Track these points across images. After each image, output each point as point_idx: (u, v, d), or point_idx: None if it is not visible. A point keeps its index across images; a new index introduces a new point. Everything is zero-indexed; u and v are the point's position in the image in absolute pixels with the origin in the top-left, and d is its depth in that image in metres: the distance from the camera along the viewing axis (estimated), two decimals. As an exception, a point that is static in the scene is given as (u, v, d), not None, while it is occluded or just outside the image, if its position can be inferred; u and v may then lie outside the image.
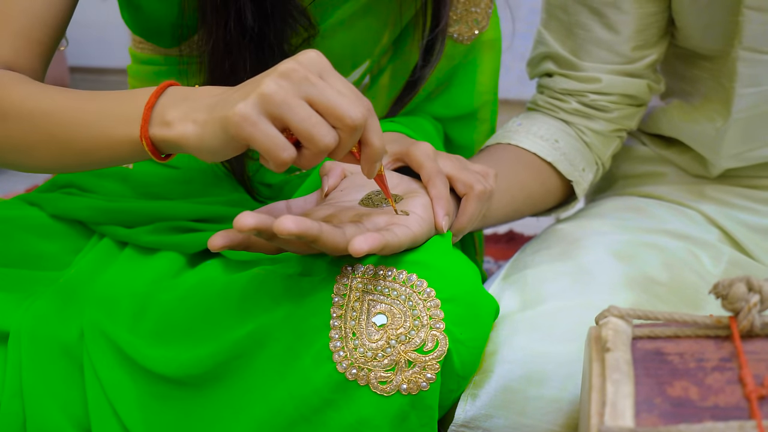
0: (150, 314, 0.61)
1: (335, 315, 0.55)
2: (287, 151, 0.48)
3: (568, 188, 0.82)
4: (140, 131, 0.53)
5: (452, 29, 0.77)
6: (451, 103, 0.78)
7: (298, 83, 0.48)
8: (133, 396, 0.59)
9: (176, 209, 0.72)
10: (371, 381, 0.53)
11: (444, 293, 0.55)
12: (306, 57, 0.50)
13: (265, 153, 0.48)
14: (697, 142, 0.84)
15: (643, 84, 0.81)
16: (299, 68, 0.49)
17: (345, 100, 0.49)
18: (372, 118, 0.51)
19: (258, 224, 0.49)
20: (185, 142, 0.51)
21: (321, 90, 0.49)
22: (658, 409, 0.41)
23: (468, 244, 0.81)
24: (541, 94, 0.85)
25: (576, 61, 0.80)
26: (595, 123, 0.82)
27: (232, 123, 0.48)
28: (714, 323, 0.45)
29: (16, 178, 2.11)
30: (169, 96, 0.54)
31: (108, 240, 0.72)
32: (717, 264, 0.76)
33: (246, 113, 0.48)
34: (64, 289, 0.66)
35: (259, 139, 0.48)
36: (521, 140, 0.80)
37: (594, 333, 0.47)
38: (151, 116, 0.53)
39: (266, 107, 0.48)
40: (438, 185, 0.60)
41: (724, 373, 0.43)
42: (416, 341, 0.53)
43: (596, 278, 0.68)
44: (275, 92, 0.48)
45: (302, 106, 0.48)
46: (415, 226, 0.56)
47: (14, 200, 0.76)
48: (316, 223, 0.50)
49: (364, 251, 0.49)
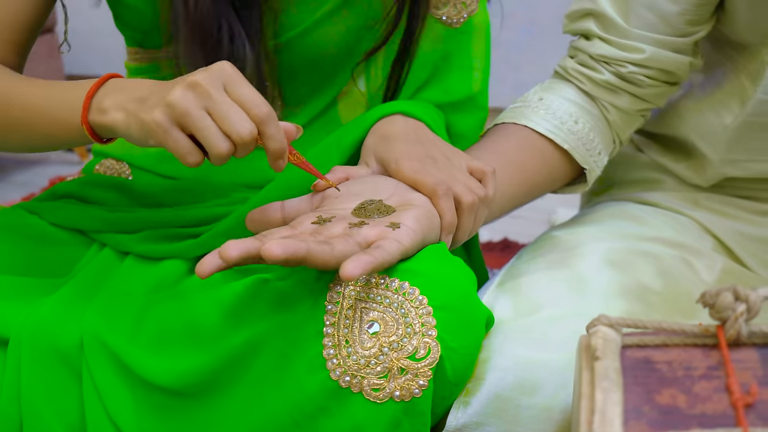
0: (148, 323, 0.62)
1: (328, 323, 0.55)
2: (194, 156, 0.56)
3: (576, 173, 0.80)
4: (81, 117, 0.60)
5: (440, 11, 0.76)
6: (448, 89, 0.77)
7: (200, 96, 0.55)
8: (130, 406, 0.60)
9: (175, 216, 0.73)
10: (364, 388, 0.54)
11: (436, 301, 0.55)
12: (216, 67, 0.56)
13: (176, 156, 0.56)
14: (701, 139, 0.81)
15: (685, 61, 0.76)
16: (204, 80, 0.55)
17: (237, 116, 0.55)
18: (269, 126, 0.56)
19: (242, 253, 0.51)
20: (116, 127, 0.58)
21: (218, 104, 0.55)
22: (647, 417, 0.42)
23: (474, 248, 0.81)
24: (572, 58, 0.80)
25: (622, 24, 0.75)
26: (622, 99, 0.78)
27: (148, 128, 0.56)
28: (702, 332, 0.46)
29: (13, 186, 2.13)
30: (107, 86, 0.61)
31: (109, 249, 0.72)
32: (711, 273, 0.76)
33: (159, 121, 0.55)
34: (64, 297, 0.66)
35: (170, 144, 0.55)
36: (538, 122, 0.76)
37: (584, 341, 0.48)
38: (90, 104, 0.60)
39: (174, 116, 0.55)
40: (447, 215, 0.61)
41: (711, 381, 0.43)
42: (408, 348, 0.54)
43: (590, 287, 0.68)
44: (179, 102, 0.54)
45: (202, 116, 0.55)
46: (405, 240, 0.56)
47: (14, 208, 0.77)
48: (303, 244, 0.51)
49: (356, 276, 0.50)
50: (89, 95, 0.60)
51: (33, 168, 2.25)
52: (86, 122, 0.60)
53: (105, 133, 0.61)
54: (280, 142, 0.57)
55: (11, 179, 2.20)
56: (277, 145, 0.57)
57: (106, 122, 0.59)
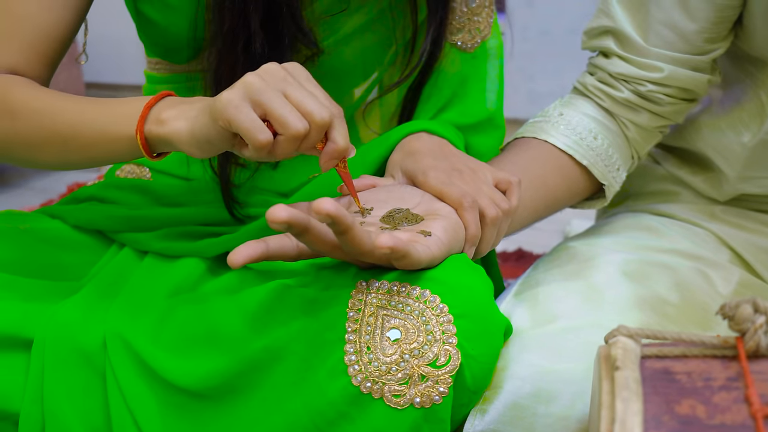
0: (171, 325, 0.63)
1: (350, 329, 0.56)
2: (264, 134, 0.54)
3: (595, 188, 0.80)
4: (136, 126, 0.60)
5: (456, 37, 0.78)
6: (466, 111, 0.79)
7: (277, 79, 0.55)
8: (153, 407, 0.60)
9: (195, 214, 0.74)
10: (385, 394, 0.54)
11: (456, 309, 0.56)
12: (289, 64, 0.57)
13: (245, 134, 0.54)
14: (719, 155, 0.82)
15: (704, 79, 0.77)
16: (280, 69, 0.56)
17: (314, 101, 0.55)
18: (339, 122, 0.57)
19: (291, 218, 0.50)
20: (177, 137, 0.58)
21: (295, 88, 0.55)
22: (666, 426, 0.42)
23: (490, 258, 0.82)
24: (591, 75, 0.81)
25: (641, 43, 0.75)
26: (641, 117, 0.78)
27: (217, 108, 0.55)
28: (721, 343, 0.46)
29: (32, 192, 2.15)
30: (166, 101, 0.61)
31: (128, 249, 0.74)
32: (727, 285, 0.76)
33: (230, 98, 0.54)
34: (86, 298, 0.67)
35: (241, 120, 0.54)
36: (558, 137, 0.77)
37: (603, 352, 0.48)
38: (147, 115, 0.60)
39: (248, 94, 0.54)
40: (471, 227, 0.62)
41: (730, 392, 0.43)
42: (429, 356, 0.55)
43: (607, 298, 0.68)
44: (256, 82, 0.55)
45: (279, 96, 0.55)
46: (434, 248, 0.57)
47: (36, 213, 0.78)
48: (350, 215, 0.52)
49: (388, 246, 0.51)
50: (148, 106, 0.60)
51: (52, 174, 2.27)
52: (141, 131, 0.60)
53: (160, 146, 0.61)
54: (345, 140, 0.58)
55: (30, 185, 2.22)
56: (343, 143, 0.57)
57: (164, 133, 0.59)
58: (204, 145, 0.58)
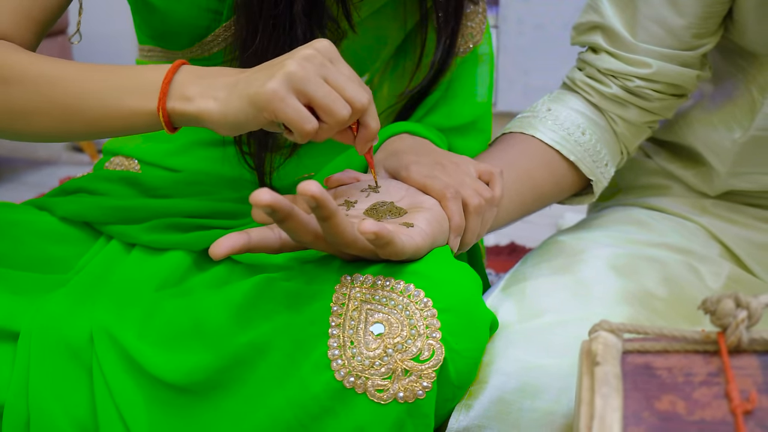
0: (157, 320, 0.62)
1: (334, 324, 0.56)
2: (311, 123, 0.55)
3: (583, 184, 0.80)
4: (158, 103, 0.58)
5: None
6: (451, 114, 0.79)
7: (316, 65, 0.56)
8: (139, 402, 0.60)
9: (184, 206, 0.74)
10: (368, 389, 0.54)
11: (441, 303, 0.56)
12: (320, 44, 0.57)
13: (292, 124, 0.55)
14: (710, 151, 0.82)
15: (692, 75, 0.76)
16: (317, 54, 0.56)
17: (353, 85, 0.57)
18: (371, 104, 0.58)
19: (274, 201, 0.50)
20: (207, 116, 0.57)
21: (335, 74, 0.56)
22: (646, 423, 0.42)
23: (476, 254, 0.82)
24: (580, 70, 0.81)
25: (629, 39, 0.75)
26: (629, 112, 0.78)
27: (263, 99, 0.55)
28: (703, 338, 0.46)
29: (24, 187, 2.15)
30: (184, 73, 0.59)
31: (115, 242, 0.73)
32: (717, 279, 0.76)
33: (276, 89, 0.54)
34: (73, 291, 0.67)
35: (288, 112, 0.55)
36: (545, 132, 0.77)
37: (585, 347, 0.48)
38: (169, 90, 0.58)
39: (293, 84, 0.54)
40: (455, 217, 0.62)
41: (711, 387, 0.43)
42: (413, 350, 0.54)
43: (595, 292, 0.68)
44: (299, 71, 0.55)
45: (322, 83, 0.55)
46: (418, 238, 0.57)
47: (24, 205, 0.77)
48: (334, 202, 0.52)
49: (372, 231, 0.51)
50: (167, 80, 0.58)
51: (44, 169, 2.27)
52: (164, 108, 0.58)
53: (184, 122, 0.59)
54: (378, 123, 0.59)
55: (23, 180, 2.22)
56: (376, 125, 0.59)
57: (191, 110, 0.58)
58: (235, 127, 0.58)
